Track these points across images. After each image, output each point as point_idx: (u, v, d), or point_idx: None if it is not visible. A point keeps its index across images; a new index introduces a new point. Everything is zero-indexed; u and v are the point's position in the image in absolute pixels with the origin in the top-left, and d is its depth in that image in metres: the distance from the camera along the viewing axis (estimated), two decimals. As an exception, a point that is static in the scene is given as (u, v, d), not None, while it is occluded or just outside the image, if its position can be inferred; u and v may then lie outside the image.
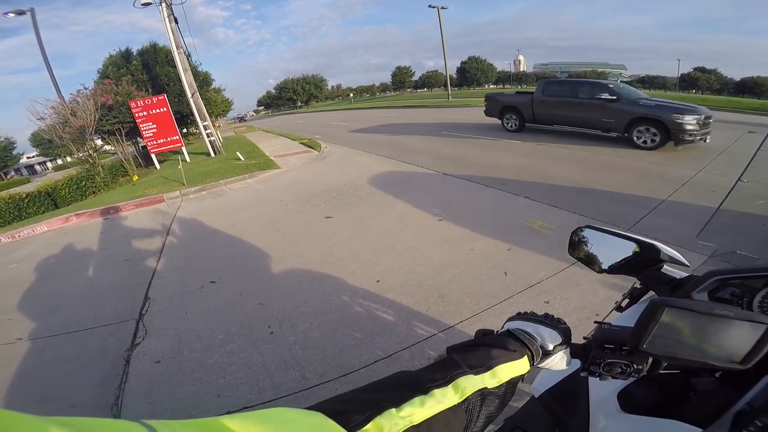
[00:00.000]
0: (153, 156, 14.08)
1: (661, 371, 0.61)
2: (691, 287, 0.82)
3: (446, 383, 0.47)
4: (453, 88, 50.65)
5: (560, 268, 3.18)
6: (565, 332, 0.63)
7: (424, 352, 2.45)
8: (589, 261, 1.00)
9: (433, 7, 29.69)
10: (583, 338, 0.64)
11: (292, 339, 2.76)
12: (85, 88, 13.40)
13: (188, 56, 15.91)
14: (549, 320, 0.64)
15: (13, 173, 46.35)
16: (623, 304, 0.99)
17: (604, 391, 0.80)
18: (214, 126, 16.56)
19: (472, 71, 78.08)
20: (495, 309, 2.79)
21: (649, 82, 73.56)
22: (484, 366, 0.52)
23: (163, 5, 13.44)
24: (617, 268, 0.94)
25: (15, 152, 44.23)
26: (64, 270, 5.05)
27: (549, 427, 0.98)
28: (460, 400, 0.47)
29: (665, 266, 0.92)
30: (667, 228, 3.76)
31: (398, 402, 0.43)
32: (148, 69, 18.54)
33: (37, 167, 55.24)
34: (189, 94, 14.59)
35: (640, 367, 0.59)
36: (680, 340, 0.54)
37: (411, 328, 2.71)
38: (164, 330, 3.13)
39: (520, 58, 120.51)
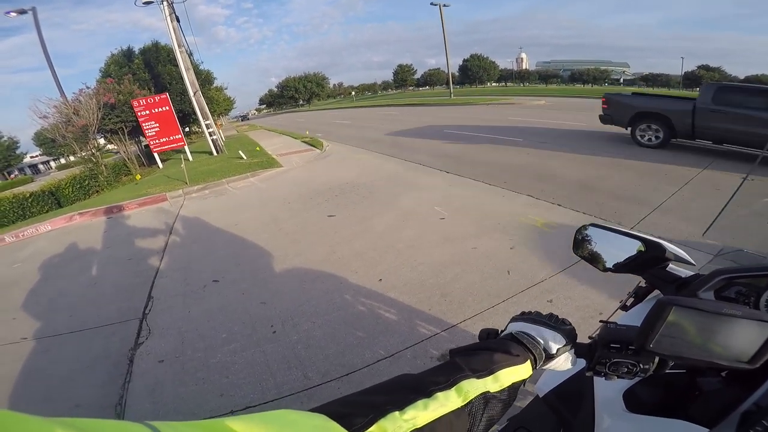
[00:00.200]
0: (155, 155, 14.13)
1: (666, 371, 0.60)
2: (697, 286, 0.81)
3: (449, 386, 0.47)
4: (455, 86, 50.48)
5: (563, 266, 3.17)
6: (570, 333, 0.62)
7: (427, 351, 2.45)
8: (594, 259, 1.00)
9: (435, 5, 29.62)
10: (589, 338, 0.64)
11: (295, 338, 2.76)
12: (88, 87, 13.49)
13: (190, 55, 15.95)
14: (553, 321, 0.64)
15: (17, 172, 46.57)
16: (628, 303, 0.99)
17: (609, 390, 0.79)
18: (216, 125, 16.59)
19: (474, 69, 77.75)
20: (498, 308, 2.79)
21: (652, 80, 73.10)
22: (486, 370, 0.52)
23: (165, 4, 13.47)
24: (622, 267, 0.94)
25: (18, 151, 44.41)
26: (67, 269, 5.08)
27: (553, 427, 0.97)
28: (463, 404, 0.47)
29: (671, 265, 0.91)
30: None
31: (401, 405, 0.43)
32: (150, 68, 18.61)
33: (41, 166, 55.52)
34: (191, 93, 14.63)
35: (647, 366, 0.58)
36: (687, 340, 0.53)
37: (413, 328, 2.71)
38: (167, 329, 3.15)
39: (523, 56, 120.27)
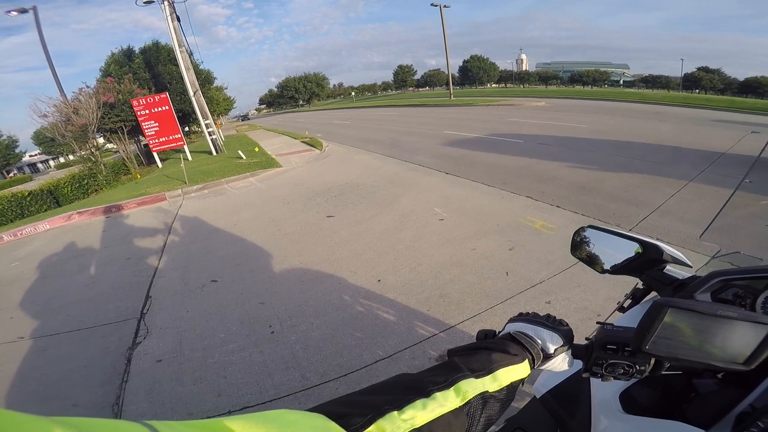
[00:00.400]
0: (155, 154, 14.13)
1: (663, 372, 0.61)
2: (694, 288, 0.82)
3: (448, 386, 0.47)
4: (455, 87, 50.53)
5: (562, 268, 3.18)
6: (567, 334, 0.62)
7: (426, 352, 2.45)
8: (592, 261, 1.00)
9: (436, 6, 29.67)
10: (585, 339, 0.64)
11: (293, 338, 2.76)
12: (88, 86, 13.50)
13: (190, 54, 15.93)
14: (550, 322, 0.64)
15: (16, 171, 46.49)
16: (625, 305, 0.99)
17: (605, 392, 0.79)
18: (215, 124, 16.59)
19: (474, 70, 77.73)
20: (496, 309, 2.79)
21: (652, 81, 73.11)
22: (485, 369, 0.52)
23: (166, 3, 13.46)
24: (620, 269, 0.94)
25: (18, 150, 44.34)
26: (66, 268, 5.07)
27: (550, 428, 0.97)
28: (461, 403, 0.47)
29: (668, 267, 0.91)
30: None
31: (400, 405, 0.42)
32: (150, 67, 18.58)
33: (40, 165, 55.41)
34: (191, 93, 14.62)
35: (643, 368, 0.58)
36: (683, 341, 0.53)
37: (412, 328, 2.70)
38: (165, 329, 3.14)
39: (523, 57, 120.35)
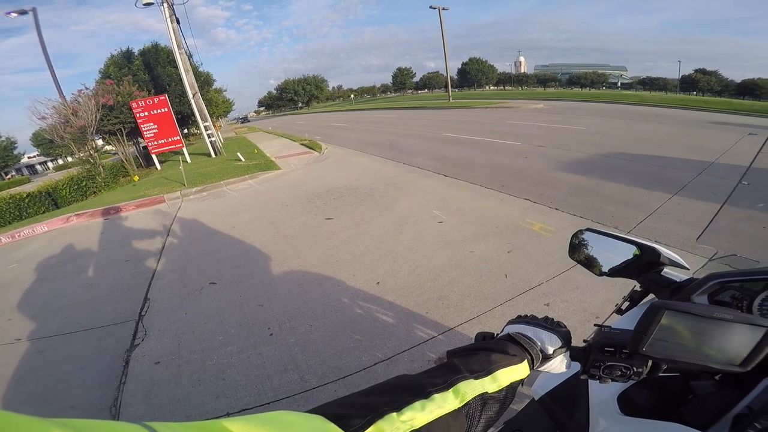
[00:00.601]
0: (154, 156, 14.10)
1: (660, 374, 0.61)
2: (691, 290, 0.82)
3: (447, 387, 0.47)
4: (453, 90, 50.70)
5: (560, 270, 3.18)
6: (565, 335, 0.63)
7: (424, 354, 2.44)
8: (590, 264, 1.00)
9: (434, 8, 29.81)
10: (583, 341, 0.64)
11: (292, 341, 2.75)
12: (87, 88, 13.45)
13: (189, 57, 15.96)
14: (549, 323, 0.64)
15: (14, 173, 46.31)
16: (623, 307, 0.99)
17: (603, 393, 0.80)
18: (214, 127, 16.59)
19: (472, 72, 77.99)
20: (495, 311, 2.79)
21: (649, 83, 73.49)
22: (484, 370, 0.52)
23: (165, 5, 13.48)
24: (618, 271, 0.94)
25: (16, 152, 44.20)
26: (64, 270, 5.05)
27: (549, 430, 0.98)
28: (460, 405, 0.47)
29: (665, 269, 0.92)
30: None
31: (399, 406, 0.42)
32: (149, 69, 18.59)
33: (38, 167, 55.27)
34: (190, 95, 14.62)
35: (640, 370, 0.59)
36: (680, 343, 0.54)
37: (411, 331, 2.70)
38: (164, 331, 3.13)
39: (521, 59, 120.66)
